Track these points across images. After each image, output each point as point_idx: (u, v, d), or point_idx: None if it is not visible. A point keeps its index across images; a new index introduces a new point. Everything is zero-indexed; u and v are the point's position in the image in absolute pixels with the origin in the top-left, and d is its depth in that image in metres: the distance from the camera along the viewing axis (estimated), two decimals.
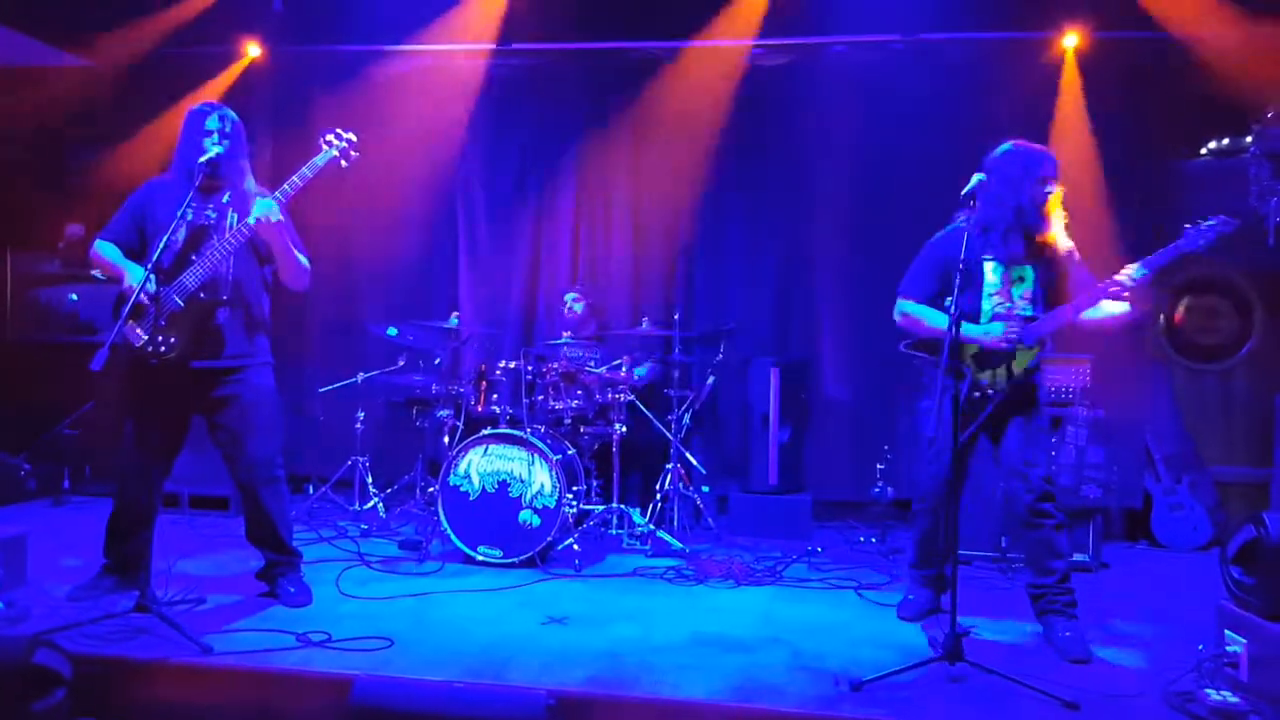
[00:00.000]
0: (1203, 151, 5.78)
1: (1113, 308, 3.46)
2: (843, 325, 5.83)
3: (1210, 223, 3.25)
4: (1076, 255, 3.58)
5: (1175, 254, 3.28)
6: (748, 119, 5.93)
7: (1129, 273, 3.33)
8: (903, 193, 5.51)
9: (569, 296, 5.68)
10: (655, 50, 5.98)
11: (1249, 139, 5.30)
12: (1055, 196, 3.48)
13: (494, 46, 6.07)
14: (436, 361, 5.24)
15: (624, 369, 4.99)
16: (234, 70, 6.21)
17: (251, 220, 3.45)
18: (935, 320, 3.55)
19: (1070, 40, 5.57)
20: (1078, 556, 4.71)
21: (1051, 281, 3.56)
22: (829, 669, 3.17)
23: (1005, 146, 3.53)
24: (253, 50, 6.18)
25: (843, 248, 5.84)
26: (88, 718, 2.97)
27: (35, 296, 6.48)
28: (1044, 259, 3.54)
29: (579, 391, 4.94)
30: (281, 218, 3.53)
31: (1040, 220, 3.48)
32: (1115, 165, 5.50)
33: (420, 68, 6.18)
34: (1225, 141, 5.69)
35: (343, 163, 3.66)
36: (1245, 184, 5.39)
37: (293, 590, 3.74)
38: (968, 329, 3.45)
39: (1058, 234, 3.51)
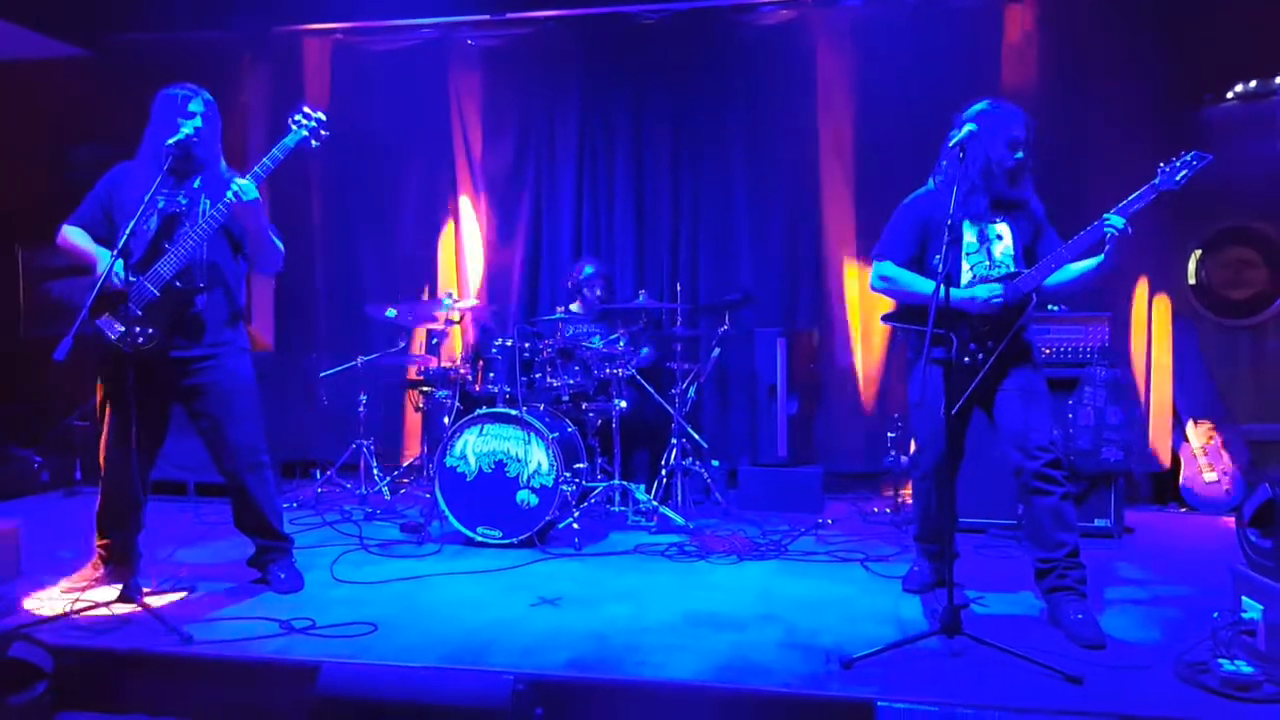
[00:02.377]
0: (1229, 96, 5.50)
1: (1079, 266, 3.32)
2: (851, 293, 5.66)
3: (1185, 159, 3.08)
4: (1046, 219, 3.47)
5: (1152, 195, 3.11)
6: (752, 81, 5.78)
7: (1109, 220, 3.15)
8: (914, 155, 5.28)
9: (587, 270, 5.49)
10: (651, 13, 5.82)
11: (1278, 81, 5.03)
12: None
13: (488, 17, 5.96)
14: (434, 342, 5.17)
15: (621, 343, 4.87)
16: (230, 55, 6.16)
17: (230, 195, 3.38)
18: (918, 285, 3.39)
19: None
20: (1099, 522, 4.55)
21: (1029, 239, 3.42)
22: (822, 646, 3.06)
23: (979, 105, 3.36)
24: (248, 34, 6.12)
25: (851, 213, 5.67)
26: (72, 710, 2.97)
27: (46, 290, 6.53)
28: (1020, 216, 3.42)
29: (576, 368, 4.85)
30: (258, 195, 3.46)
31: (1005, 184, 3.36)
32: (1137, 113, 5.27)
33: (414, 43, 6.09)
34: (1252, 85, 5.41)
35: (313, 142, 3.57)
36: (1273, 129, 5.13)
37: (283, 576, 3.71)
38: (952, 293, 3.30)
39: (1029, 194, 3.41)
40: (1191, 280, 5.64)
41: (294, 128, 3.52)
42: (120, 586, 3.27)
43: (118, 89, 6.10)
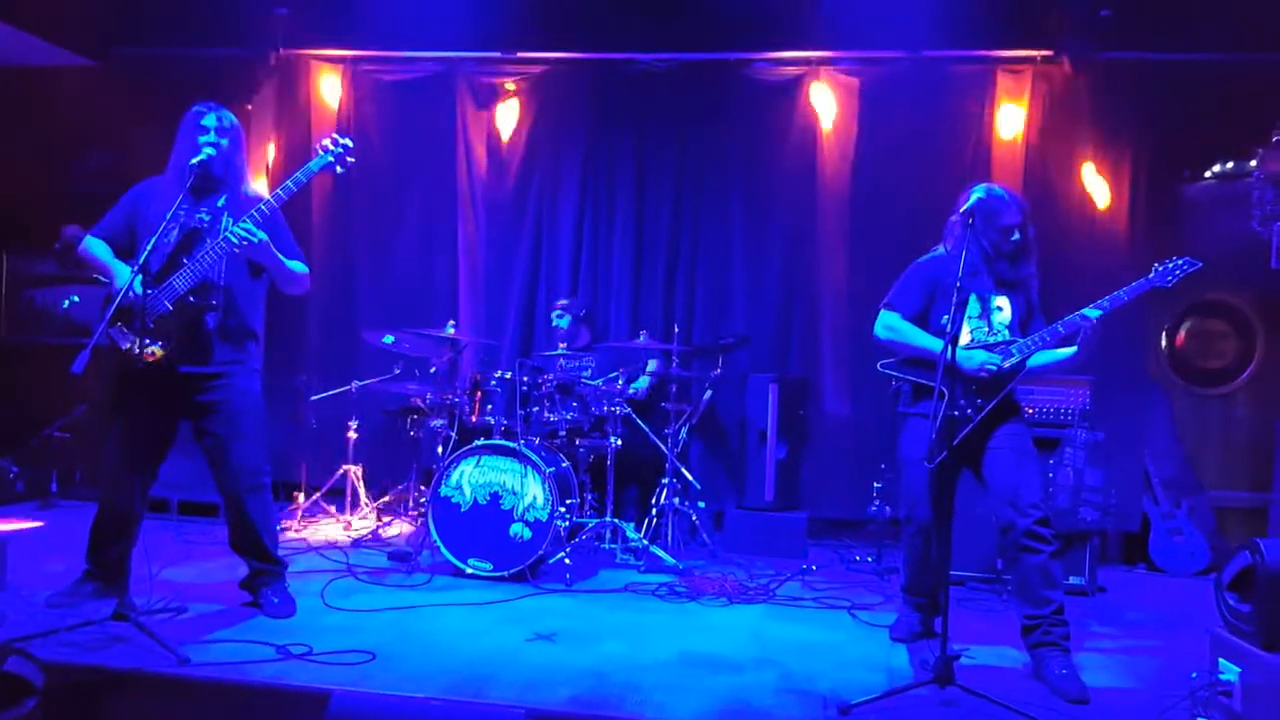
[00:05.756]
0: (1205, 175, 5.74)
1: (1057, 353, 3.50)
2: (843, 342, 5.79)
3: (1177, 262, 3.32)
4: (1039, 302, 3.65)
5: (1146, 288, 3.34)
6: (752, 132, 5.93)
7: (1084, 313, 3.35)
8: (906, 210, 5.49)
9: (554, 314, 5.64)
10: (659, 62, 5.96)
11: (1252, 163, 5.26)
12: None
13: (498, 55, 6.07)
14: (432, 370, 5.19)
15: (620, 381, 4.93)
16: (238, 74, 6.19)
17: (234, 239, 3.41)
18: (920, 339, 3.54)
19: (1069, 62, 5.55)
20: (1073, 579, 4.66)
21: (1024, 313, 3.59)
22: (818, 691, 3.12)
23: (977, 192, 3.45)
24: (257, 54, 6.16)
25: (844, 264, 5.81)
26: None
27: (30, 298, 6.45)
28: (1019, 292, 3.59)
29: (574, 404, 4.90)
30: (264, 237, 3.46)
31: (1005, 267, 3.54)
32: (1116, 189, 5.49)
33: (423, 75, 6.18)
34: (1229, 165, 5.66)
35: (338, 169, 3.62)
36: (1248, 208, 5.35)
37: (276, 600, 3.69)
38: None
39: (1032, 271, 3.59)
40: (1164, 348, 5.85)
41: (320, 153, 3.57)
42: (115, 603, 3.24)
43: (123, 101, 6.11)
